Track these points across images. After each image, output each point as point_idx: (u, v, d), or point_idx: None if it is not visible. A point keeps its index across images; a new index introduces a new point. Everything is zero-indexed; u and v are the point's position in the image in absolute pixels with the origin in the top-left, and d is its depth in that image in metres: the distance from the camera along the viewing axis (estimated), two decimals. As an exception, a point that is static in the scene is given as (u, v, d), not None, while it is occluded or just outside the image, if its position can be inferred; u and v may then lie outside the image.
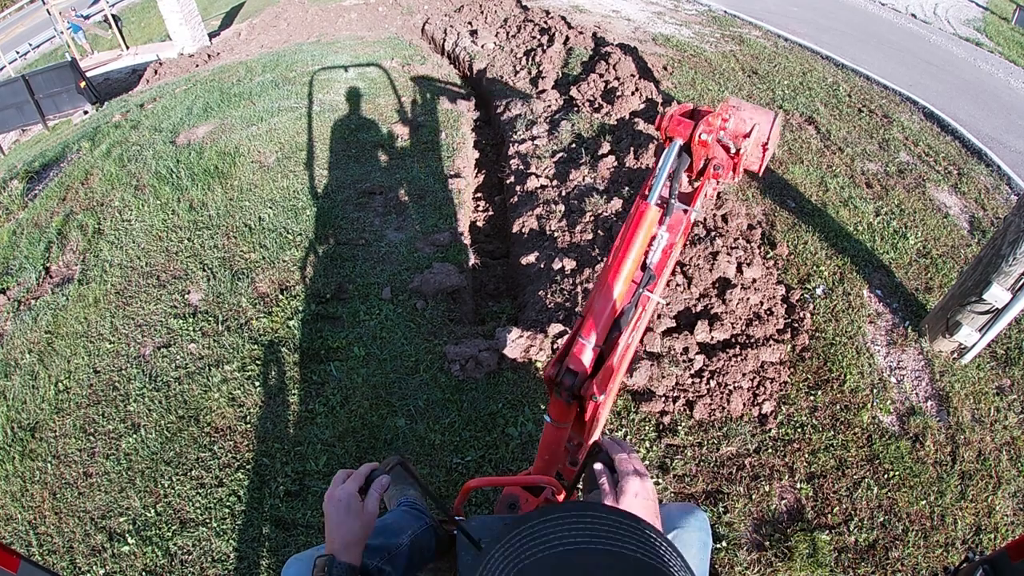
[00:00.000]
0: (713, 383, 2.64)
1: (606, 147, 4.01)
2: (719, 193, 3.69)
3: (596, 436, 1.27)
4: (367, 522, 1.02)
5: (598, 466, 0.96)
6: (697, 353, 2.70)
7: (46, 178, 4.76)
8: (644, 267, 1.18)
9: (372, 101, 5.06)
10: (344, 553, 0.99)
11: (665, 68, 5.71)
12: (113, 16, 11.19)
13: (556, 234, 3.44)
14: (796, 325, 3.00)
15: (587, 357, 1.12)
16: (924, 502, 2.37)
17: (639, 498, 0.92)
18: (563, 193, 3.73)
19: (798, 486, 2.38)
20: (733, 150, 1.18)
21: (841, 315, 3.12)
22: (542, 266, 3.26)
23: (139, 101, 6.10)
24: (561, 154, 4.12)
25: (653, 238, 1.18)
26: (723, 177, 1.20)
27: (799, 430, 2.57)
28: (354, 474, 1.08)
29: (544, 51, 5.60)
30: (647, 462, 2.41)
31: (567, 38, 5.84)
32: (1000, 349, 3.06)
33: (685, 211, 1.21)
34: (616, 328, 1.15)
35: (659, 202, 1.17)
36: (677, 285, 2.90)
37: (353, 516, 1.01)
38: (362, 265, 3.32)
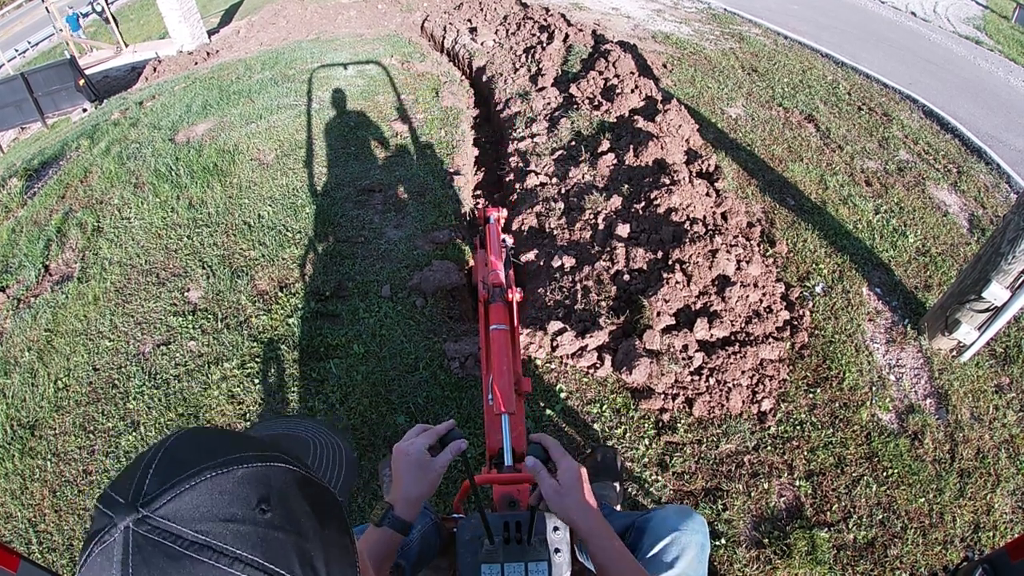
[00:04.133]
0: (712, 380, 2.64)
1: (605, 145, 4.00)
2: (719, 191, 3.69)
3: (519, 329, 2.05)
4: (432, 480, 1.03)
5: (530, 460, 1.05)
6: (696, 351, 2.70)
7: (45, 176, 4.75)
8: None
9: (371, 99, 5.05)
10: (403, 507, 1.01)
11: (665, 66, 5.70)
12: (111, 16, 11.17)
13: (555, 232, 3.43)
14: (795, 323, 3.00)
15: (499, 279, 2.01)
16: (923, 500, 2.37)
17: (578, 481, 1.02)
18: (563, 191, 3.72)
19: (797, 484, 2.38)
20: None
21: (840, 313, 3.12)
22: (541, 263, 3.25)
23: (138, 99, 6.09)
24: (561, 152, 4.11)
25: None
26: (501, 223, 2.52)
27: (798, 428, 2.57)
28: (429, 431, 1.09)
29: (544, 49, 5.59)
30: (646, 459, 2.41)
31: (567, 36, 5.84)
32: (999, 347, 3.07)
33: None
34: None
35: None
36: (676, 283, 2.90)
37: (420, 471, 1.03)
38: (361, 263, 3.32)
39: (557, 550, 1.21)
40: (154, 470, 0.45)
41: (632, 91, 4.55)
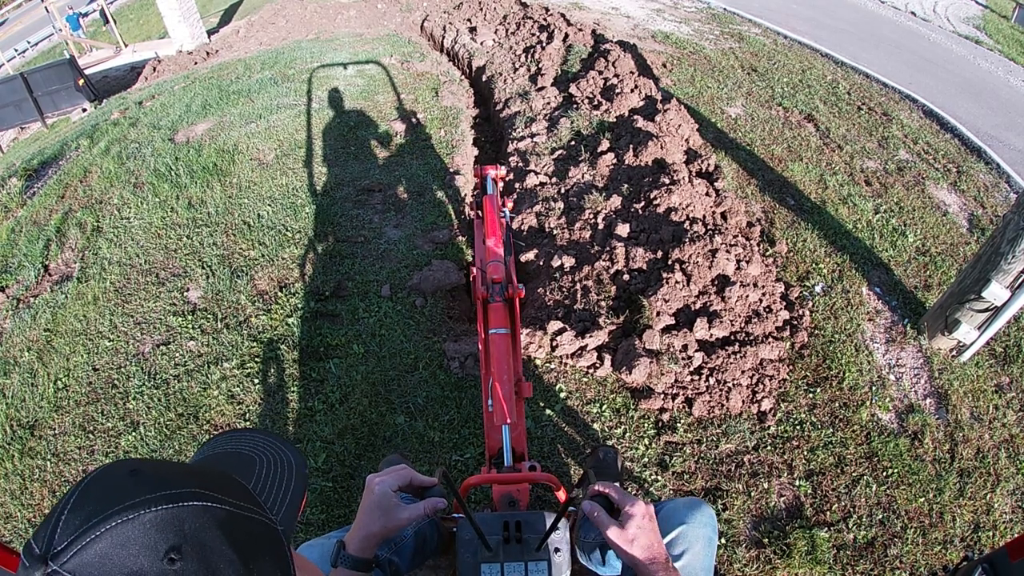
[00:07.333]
0: (712, 380, 2.64)
1: (605, 144, 4.00)
2: (718, 191, 3.69)
3: (519, 330, 1.98)
4: (391, 526, 1.01)
5: (587, 504, 0.99)
6: (696, 350, 2.70)
7: (45, 176, 4.75)
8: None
9: (371, 98, 5.05)
10: (357, 545, 1.00)
11: (664, 65, 5.70)
12: (111, 16, 11.18)
13: (555, 231, 3.43)
14: (795, 323, 3.00)
15: (500, 272, 1.89)
16: (923, 499, 2.37)
17: (645, 519, 0.98)
18: (562, 190, 3.72)
19: (797, 483, 2.38)
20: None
21: (840, 313, 3.12)
22: (541, 263, 3.25)
23: (137, 99, 6.08)
24: (560, 151, 4.11)
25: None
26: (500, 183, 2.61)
27: (798, 427, 2.57)
28: (405, 472, 1.06)
29: (543, 48, 5.59)
30: (646, 459, 2.41)
31: (566, 35, 5.84)
32: (999, 347, 3.07)
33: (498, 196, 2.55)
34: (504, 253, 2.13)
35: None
36: (676, 283, 2.90)
37: (379, 512, 1.01)
38: (361, 263, 3.32)
39: (557, 549, 1.21)
40: (65, 518, 0.42)
41: (632, 91, 4.55)
